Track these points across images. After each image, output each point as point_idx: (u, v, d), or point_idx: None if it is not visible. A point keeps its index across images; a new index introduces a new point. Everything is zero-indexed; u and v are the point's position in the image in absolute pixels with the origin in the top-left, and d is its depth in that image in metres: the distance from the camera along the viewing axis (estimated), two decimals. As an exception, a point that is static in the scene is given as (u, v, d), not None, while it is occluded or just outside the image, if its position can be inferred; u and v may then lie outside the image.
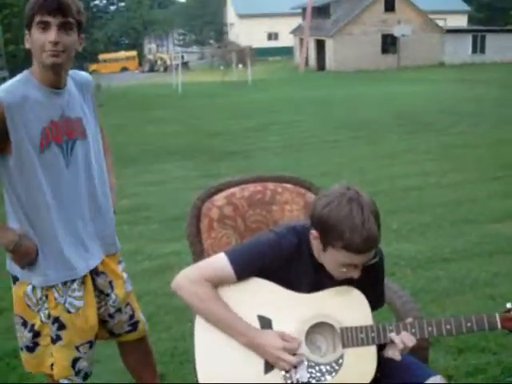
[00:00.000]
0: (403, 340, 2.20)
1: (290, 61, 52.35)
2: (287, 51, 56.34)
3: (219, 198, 2.93)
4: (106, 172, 2.80)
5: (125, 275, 2.92)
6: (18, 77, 2.55)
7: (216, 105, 21.48)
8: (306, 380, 2.19)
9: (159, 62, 53.32)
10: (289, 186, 3.02)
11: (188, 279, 2.28)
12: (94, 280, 2.74)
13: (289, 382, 2.19)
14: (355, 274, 2.22)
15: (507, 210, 6.87)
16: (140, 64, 58.94)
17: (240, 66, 39.98)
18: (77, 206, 2.63)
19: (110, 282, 2.81)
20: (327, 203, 2.15)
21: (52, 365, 2.74)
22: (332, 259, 2.21)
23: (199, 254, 2.89)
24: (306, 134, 13.65)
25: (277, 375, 2.21)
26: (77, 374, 2.75)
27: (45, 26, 2.40)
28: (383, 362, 2.25)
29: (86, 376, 2.81)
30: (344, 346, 2.22)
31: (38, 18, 2.39)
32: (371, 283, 2.38)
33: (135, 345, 3.07)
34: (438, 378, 2.30)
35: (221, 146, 12.15)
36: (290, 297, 2.28)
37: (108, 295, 2.82)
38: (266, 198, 2.95)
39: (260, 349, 2.20)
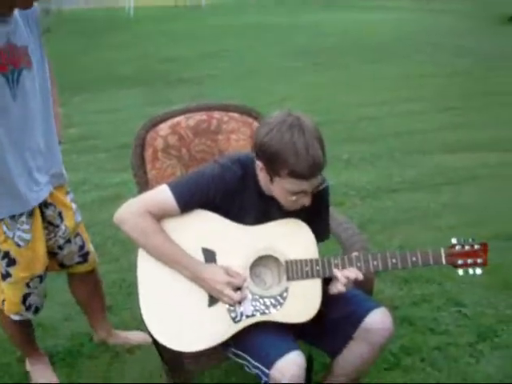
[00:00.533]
0: (347, 275, 2.17)
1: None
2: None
3: (164, 128, 2.85)
4: (51, 103, 2.68)
5: (74, 205, 2.87)
6: None
7: (169, 30, 20.86)
8: (250, 313, 2.17)
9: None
10: (235, 114, 2.95)
11: (130, 212, 2.21)
12: (42, 212, 2.70)
13: (232, 315, 2.17)
14: (306, 201, 2.19)
15: (459, 142, 6.86)
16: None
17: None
18: (25, 139, 2.51)
19: (60, 213, 2.77)
20: (268, 131, 2.09)
21: (4, 300, 2.74)
22: (281, 189, 2.16)
23: (143, 185, 2.83)
24: (262, 61, 13.35)
25: (221, 308, 2.18)
26: (27, 309, 2.76)
27: None
28: (328, 295, 2.23)
29: (37, 310, 2.82)
30: (289, 279, 2.20)
31: None
32: (316, 215, 2.34)
33: (85, 277, 3.06)
34: (381, 310, 2.29)
35: (173, 73, 11.81)
36: (235, 229, 2.23)
37: (57, 226, 2.78)
38: (211, 127, 2.88)
39: (204, 283, 2.17)
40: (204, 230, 2.23)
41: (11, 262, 2.62)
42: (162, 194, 2.22)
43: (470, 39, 15.59)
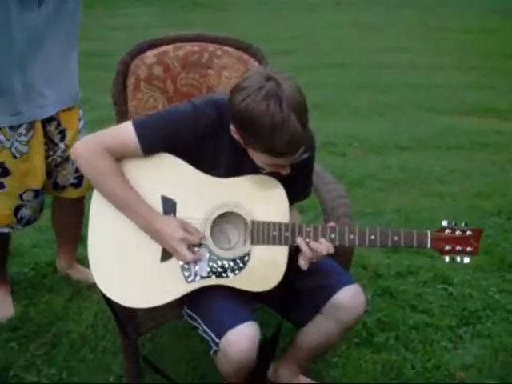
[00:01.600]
0: (315, 248, 1.95)
1: None
2: None
3: (150, 56, 2.59)
4: (78, 26, 2.63)
5: (81, 124, 2.80)
6: None
7: None
8: (205, 274, 1.96)
9: None
10: (231, 49, 2.68)
11: (88, 147, 1.97)
12: (44, 127, 2.62)
13: (186, 273, 1.96)
14: (284, 172, 1.94)
15: (476, 103, 6.54)
16: None
17: None
18: (41, 51, 2.47)
19: (62, 131, 2.70)
20: (243, 98, 1.79)
21: None
22: (255, 157, 1.91)
23: (122, 116, 2.61)
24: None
25: (174, 265, 1.97)
26: (19, 221, 2.72)
27: None
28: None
29: (29, 222, 2.77)
30: (253, 243, 1.97)
31: None
32: (297, 174, 2.09)
33: (72, 204, 2.98)
34: (354, 287, 2.10)
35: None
36: (202, 179, 2.00)
37: (57, 145, 2.72)
38: (202, 60, 2.62)
39: (158, 235, 1.95)
40: (167, 176, 2.00)
41: (5, 173, 2.57)
42: (124, 133, 1.97)
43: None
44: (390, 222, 3.83)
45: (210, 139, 1.99)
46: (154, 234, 1.96)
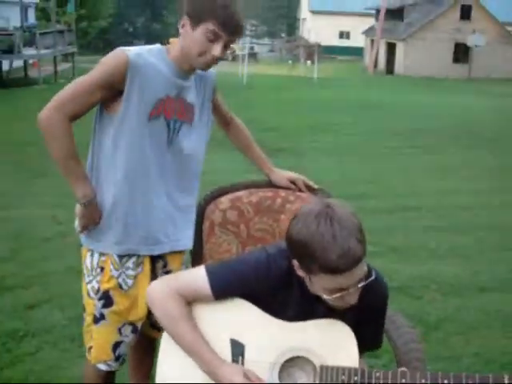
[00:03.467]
0: None
1: (359, 61, 51.75)
2: (357, 51, 55.66)
3: (224, 201, 2.73)
4: (199, 164, 2.71)
5: (183, 268, 2.76)
6: (151, 46, 2.50)
7: (277, 99, 21.27)
8: None
9: (228, 51, 53.21)
10: (303, 194, 2.77)
11: (161, 291, 2.06)
12: (153, 263, 2.63)
13: None
14: (352, 300, 1.94)
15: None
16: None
17: (309, 62, 39.67)
18: (168, 192, 2.56)
19: (167, 272, 2.66)
20: (295, 224, 1.89)
21: (91, 348, 2.63)
22: (319, 287, 1.93)
23: (198, 258, 2.72)
24: (362, 137, 13.31)
25: None
26: (116, 359, 2.64)
27: (214, 38, 2.32)
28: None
29: (123, 362, 2.71)
30: None
31: (212, 27, 2.30)
32: (367, 319, 2.10)
33: (152, 343, 2.92)
34: None
35: (273, 142, 11.86)
36: (271, 323, 2.02)
37: None
38: (275, 205, 2.72)
39: (219, 381, 1.96)
40: (236, 320, 2.03)
41: (108, 303, 2.55)
42: (197, 278, 2.05)
43: None
44: (469, 366, 3.70)
45: (282, 288, 2.04)
46: (216, 381, 1.97)
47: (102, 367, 2.64)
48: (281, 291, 2.03)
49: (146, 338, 2.90)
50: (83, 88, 2.35)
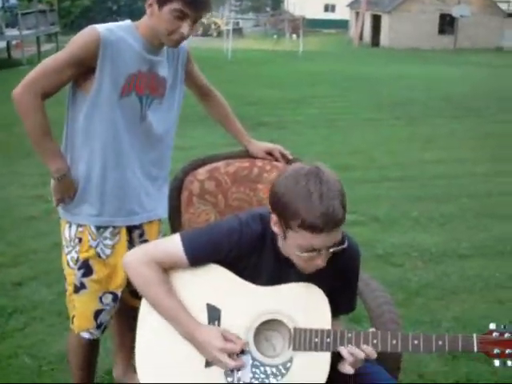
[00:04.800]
0: (353, 353, 1.97)
1: (344, 34, 51.52)
2: (343, 24, 55.40)
3: (202, 172, 2.75)
4: (171, 138, 2.77)
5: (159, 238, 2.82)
6: (121, 22, 2.53)
7: (261, 73, 21.20)
8: (247, 380, 2.00)
9: (213, 27, 52.88)
10: (279, 164, 2.81)
11: (137, 258, 2.10)
12: (130, 233, 2.69)
13: (229, 379, 2.00)
14: (320, 262, 1.96)
15: (538, 208, 6.48)
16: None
17: (294, 36, 39.53)
18: (141, 165, 2.63)
19: (144, 241, 2.71)
20: (283, 178, 1.93)
21: (73, 317, 2.70)
22: (293, 245, 1.95)
23: (176, 229, 2.74)
24: (345, 109, 13.33)
25: (217, 370, 2.02)
26: (98, 326, 2.71)
27: (182, 16, 2.34)
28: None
29: (104, 330, 2.77)
30: (295, 349, 2.01)
31: (178, 6, 2.32)
32: (340, 283, 2.15)
33: (133, 311, 2.91)
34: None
35: (256, 116, 11.89)
36: (246, 288, 2.07)
37: None
38: (252, 175, 2.76)
39: (199, 345, 2.02)
40: (212, 285, 2.08)
41: (88, 272, 2.61)
42: (172, 245, 2.09)
43: None
44: (449, 330, 3.79)
45: (255, 252, 2.08)
46: (195, 344, 2.02)
47: (85, 335, 2.71)
48: (254, 256, 2.08)
49: (127, 307, 2.94)
50: (55, 66, 2.38)
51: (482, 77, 21.54)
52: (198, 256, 2.07)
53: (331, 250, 1.95)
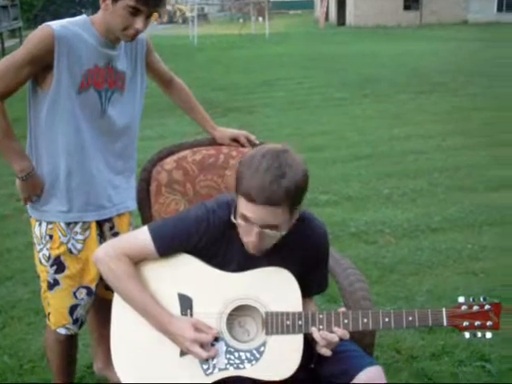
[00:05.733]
0: (325, 337, 2.00)
1: (310, 15, 51.48)
2: (309, 5, 55.33)
3: (169, 162, 2.77)
4: (136, 130, 2.76)
5: (130, 229, 2.81)
6: (76, 18, 2.51)
7: (229, 58, 21.11)
8: (222, 366, 2.03)
9: (178, 14, 52.50)
10: (245, 149, 2.82)
11: (107, 253, 2.12)
12: (100, 227, 2.70)
13: (205, 366, 2.03)
14: (252, 238, 1.99)
15: (506, 179, 6.55)
16: (160, 15, 58.19)
17: (260, 19, 39.38)
18: (103, 158, 2.62)
19: (115, 234, 2.72)
20: (245, 157, 1.98)
21: (49, 314, 2.70)
22: (238, 212, 2.00)
23: (147, 220, 2.75)
24: (313, 90, 13.34)
25: (192, 358, 2.04)
26: (74, 322, 2.70)
27: (135, 12, 2.33)
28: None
29: (82, 325, 2.76)
30: (268, 333, 2.03)
31: (131, 2, 2.30)
32: (310, 265, 2.18)
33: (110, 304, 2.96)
34: (375, 369, 2.11)
35: (225, 101, 11.90)
36: (216, 275, 2.09)
37: None
38: (218, 162, 2.77)
39: (171, 336, 2.04)
40: (183, 274, 2.10)
41: (60, 269, 2.61)
42: (140, 237, 2.11)
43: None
44: (423, 303, 3.84)
45: (223, 238, 2.10)
46: (168, 336, 2.05)
47: (62, 331, 2.71)
48: (223, 243, 2.10)
49: (103, 301, 2.92)
50: (11, 66, 2.37)
51: (448, 51, 21.64)
52: (166, 246, 2.09)
53: (265, 231, 1.97)
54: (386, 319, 2.01)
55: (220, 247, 2.10)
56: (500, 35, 27.94)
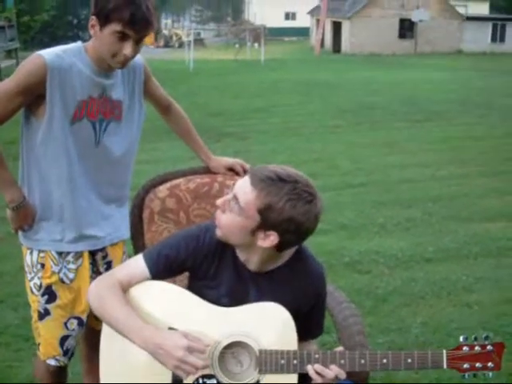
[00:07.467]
0: (321, 373, 1.95)
1: (306, 42, 51.80)
2: (304, 32, 55.65)
3: (163, 189, 2.73)
4: (133, 159, 2.71)
5: (124, 257, 2.78)
6: (70, 46, 2.46)
7: (224, 83, 21.17)
8: None
9: (174, 38, 52.75)
10: (240, 178, 2.78)
11: (100, 283, 2.08)
12: (93, 256, 2.64)
13: None
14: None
15: (502, 209, 6.58)
16: (156, 39, 58.49)
17: (256, 45, 39.61)
18: (98, 187, 2.58)
19: (109, 263, 2.69)
20: None
21: (39, 344, 2.64)
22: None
23: (140, 248, 2.70)
24: (308, 117, 13.38)
25: None
26: (64, 353, 2.64)
27: (123, 37, 2.29)
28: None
29: (71, 356, 2.70)
30: (261, 372, 1.97)
31: (118, 27, 2.26)
32: (308, 310, 2.14)
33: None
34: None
35: (220, 127, 11.90)
36: (209, 309, 2.04)
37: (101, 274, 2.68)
38: (212, 190, 2.74)
39: (159, 350, 1.88)
40: (174, 309, 2.04)
41: (52, 298, 2.55)
42: (135, 264, 2.08)
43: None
44: (418, 335, 3.80)
45: (214, 259, 2.07)
46: (154, 351, 1.89)
47: (52, 362, 2.65)
48: (214, 262, 2.06)
49: (93, 332, 2.86)
50: (2, 95, 2.34)
51: (443, 80, 21.79)
52: (158, 264, 2.05)
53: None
54: (384, 360, 1.96)
55: (210, 267, 2.07)
56: (494, 65, 28.16)
